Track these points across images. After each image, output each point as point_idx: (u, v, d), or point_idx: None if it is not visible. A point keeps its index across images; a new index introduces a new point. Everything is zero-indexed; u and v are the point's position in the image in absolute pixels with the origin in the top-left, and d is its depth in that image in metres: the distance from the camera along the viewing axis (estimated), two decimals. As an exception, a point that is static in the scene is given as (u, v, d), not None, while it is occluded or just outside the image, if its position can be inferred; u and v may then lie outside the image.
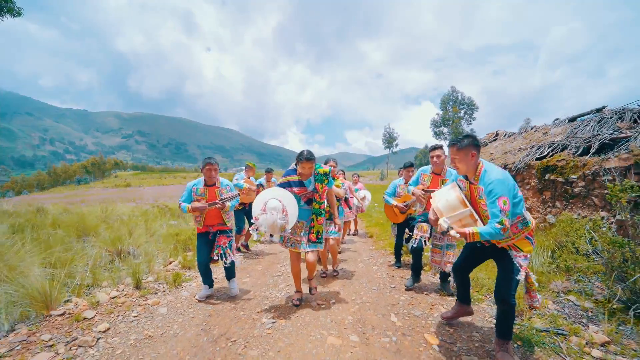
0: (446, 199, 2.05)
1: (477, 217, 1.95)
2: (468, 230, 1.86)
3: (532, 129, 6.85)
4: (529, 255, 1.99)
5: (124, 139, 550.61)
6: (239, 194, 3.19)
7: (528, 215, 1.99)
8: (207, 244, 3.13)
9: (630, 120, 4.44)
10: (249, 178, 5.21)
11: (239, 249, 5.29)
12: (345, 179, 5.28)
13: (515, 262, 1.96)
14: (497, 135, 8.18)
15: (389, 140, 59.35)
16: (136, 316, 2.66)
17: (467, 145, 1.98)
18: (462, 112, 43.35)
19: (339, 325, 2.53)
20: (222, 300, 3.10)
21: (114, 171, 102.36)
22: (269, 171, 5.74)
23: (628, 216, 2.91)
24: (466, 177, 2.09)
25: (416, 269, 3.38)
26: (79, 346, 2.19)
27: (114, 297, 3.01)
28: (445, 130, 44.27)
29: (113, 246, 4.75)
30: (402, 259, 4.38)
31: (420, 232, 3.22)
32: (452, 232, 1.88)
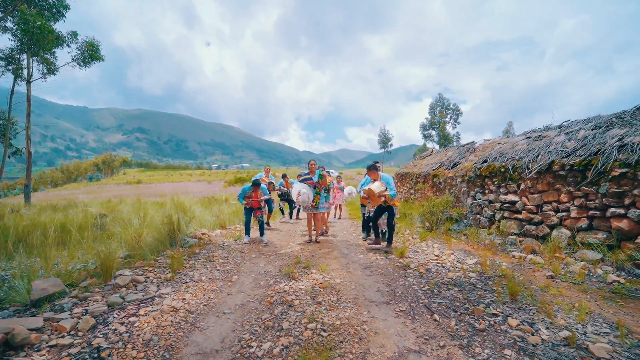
0: (375, 184, 6.60)
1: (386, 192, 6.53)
2: (385, 192, 6.40)
3: (444, 149, 11.48)
4: (397, 208, 6.51)
5: (125, 136, 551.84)
6: (270, 198, 7.60)
7: (397, 194, 6.55)
8: (250, 213, 6.35)
9: (469, 151, 9.04)
10: (267, 177, 9.69)
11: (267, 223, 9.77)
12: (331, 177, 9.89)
13: (394, 211, 6.54)
14: (432, 152, 12.83)
15: (384, 140, 64.25)
16: (255, 229, 7.33)
17: (369, 168, 6.55)
18: (448, 117, 47.80)
19: (329, 237, 7.20)
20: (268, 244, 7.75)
21: (122, 168, 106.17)
22: (284, 176, 10.38)
23: (448, 196, 7.55)
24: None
25: (367, 228, 7.88)
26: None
27: (238, 227, 7.71)
28: (433, 132, 48.81)
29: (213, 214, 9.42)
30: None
31: (369, 207, 7.78)
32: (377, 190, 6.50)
